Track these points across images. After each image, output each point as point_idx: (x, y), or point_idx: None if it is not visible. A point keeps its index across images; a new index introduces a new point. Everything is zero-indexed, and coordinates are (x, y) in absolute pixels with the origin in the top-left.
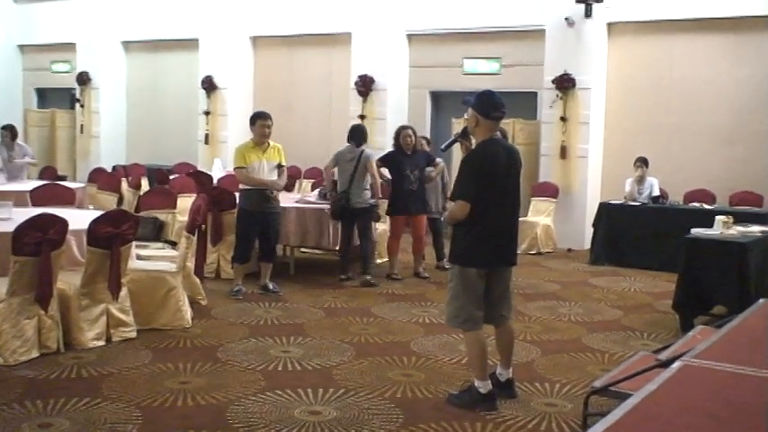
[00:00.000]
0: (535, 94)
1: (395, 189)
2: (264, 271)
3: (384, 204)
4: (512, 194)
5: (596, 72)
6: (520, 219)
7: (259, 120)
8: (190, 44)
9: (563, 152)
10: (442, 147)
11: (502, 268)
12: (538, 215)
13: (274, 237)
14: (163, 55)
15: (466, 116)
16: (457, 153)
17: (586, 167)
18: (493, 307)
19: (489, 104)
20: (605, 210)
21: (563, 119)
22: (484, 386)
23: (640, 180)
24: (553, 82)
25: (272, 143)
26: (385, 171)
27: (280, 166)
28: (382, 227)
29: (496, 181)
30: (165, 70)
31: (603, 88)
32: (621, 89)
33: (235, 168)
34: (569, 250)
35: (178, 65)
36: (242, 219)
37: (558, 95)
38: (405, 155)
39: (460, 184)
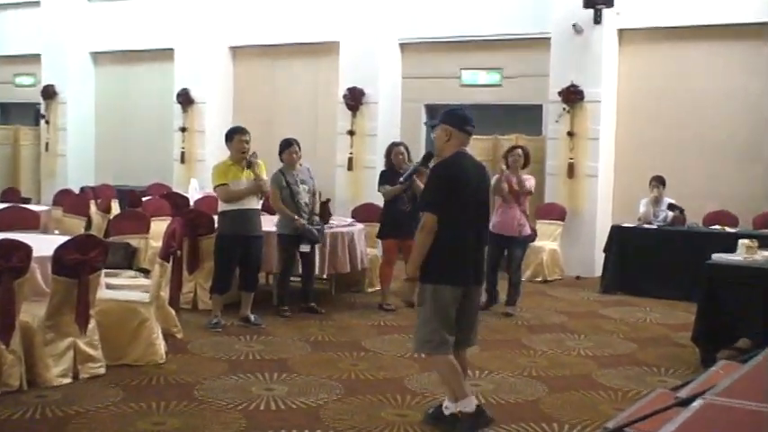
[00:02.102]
0: (540, 107)
1: (386, 210)
2: (245, 301)
3: (375, 229)
4: (483, 209)
5: (606, 83)
6: (528, 245)
7: (236, 135)
8: (164, 55)
9: (570, 170)
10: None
11: (474, 287)
12: (543, 239)
13: (256, 264)
14: (135, 67)
15: (433, 135)
16: None
17: (596, 187)
18: (462, 332)
19: (462, 118)
20: (617, 233)
21: (570, 134)
22: (469, 404)
23: (656, 201)
24: (559, 94)
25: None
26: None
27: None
28: (373, 252)
29: (469, 193)
30: (138, 83)
31: (614, 101)
32: (634, 102)
33: (215, 187)
34: (578, 278)
35: (151, 77)
36: (221, 244)
37: (564, 109)
38: (397, 173)
39: (430, 195)
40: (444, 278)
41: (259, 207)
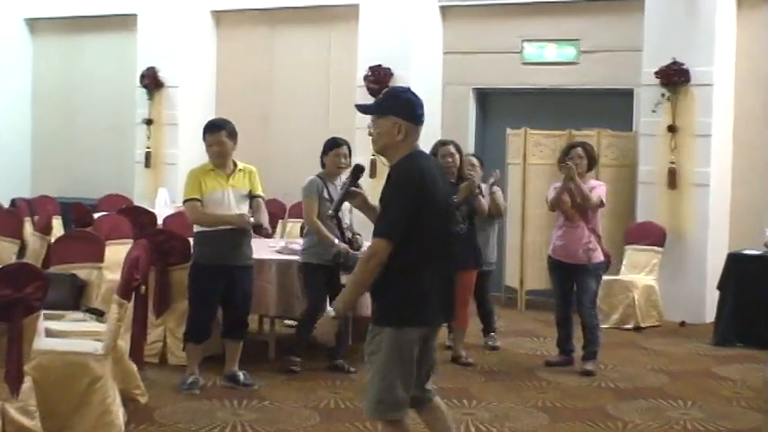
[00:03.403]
0: (630, 93)
1: None
2: (231, 353)
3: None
4: (453, 226)
5: (721, 60)
6: (610, 277)
7: (206, 133)
8: (124, 22)
9: (672, 178)
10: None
11: (438, 326)
12: (635, 271)
13: (244, 303)
14: (85, 39)
15: (375, 130)
16: (515, 174)
17: (707, 201)
18: (420, 382)
19: (413, 103)
20: (736, 264)
21: (671, 129)
22: None
23: None
24: (657, 75)
25: (240, 165)
26: None
27: (253, 197)
28: None
29: (439, 208)
30: (89, 61)
31: (731, 84)
32: (759, 86)
33: (185, 201)
34: (682, 324)
35: (107, 53)
36: (196, 276)
37: (663, 95)
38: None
39: (391, 215)
40: (409, 318)
41: (259, 219)
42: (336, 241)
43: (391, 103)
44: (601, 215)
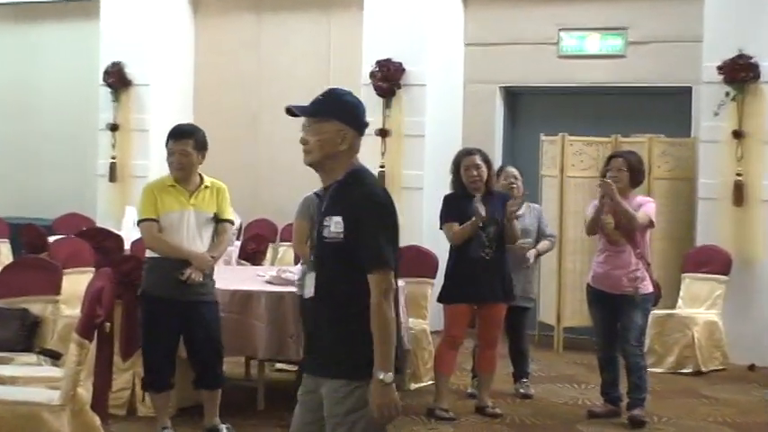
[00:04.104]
0: (688, 91)
1: (455, 258)
2: (208, 405)
3: (423, 287)
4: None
5: None
6: (664, 312)
7: (169, 140)
8: (85, 10)
9: (738, 193)
10: None
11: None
12: (695, 305)
13: (211, 346)
14: (37, 29)
15: (314, 137)
16: (549, 189)
17: None
18: None
19: (360, 109)
20: None
21: (738, 135)
22: None
23: None
24: (720, 70)
25: (207, 181)
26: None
27: (219, 221)
28: (421, 325)
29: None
30: (42, 55)
31: None
32: None
33: (138, 222)
34: (752, 368)
35: (64, 46)
36: (147, 310)
37: (728, 94)
38: (470, 199)
39: (383, 240)
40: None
41: (212, 251)
42: None
43: (335, 105)
44: (650, 238)
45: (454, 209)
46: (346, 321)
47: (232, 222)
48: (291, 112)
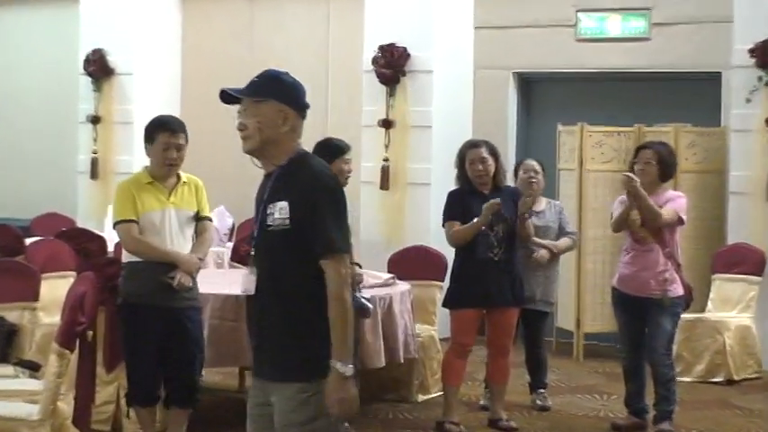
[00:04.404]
0: (717, 76)
1: (460, 260)
2: (176, 427)
3: (431, 291)
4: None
5: None
6: (693, 316)
7: (162, 133)
8: None
9: None
10: None
11: None
12: (726, 308)
13: (191, 356)
14: (12, 14)
15: (253, 119)
16: (568, 181)
17: None
18: None
19: (300, 89)
20: None
21: None
22: None
23: None
24: (752, 54)
25: (184, 177)
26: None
27: (199, 219)
28: (428, 331)
29: None
30: (17, 42)
31: None
32: None
33: (116, 224)
34: None
35: (41, 32)
36: (127, 320)
37: (761, 79)
38: (476, 195)
39: (339, 223)
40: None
41: (197, 252)
42: None
43: (273, 85)
44: (680, 236)
45: (457, 206)
46: (298, 315)
47: (211, 220)
48: (226, 97)
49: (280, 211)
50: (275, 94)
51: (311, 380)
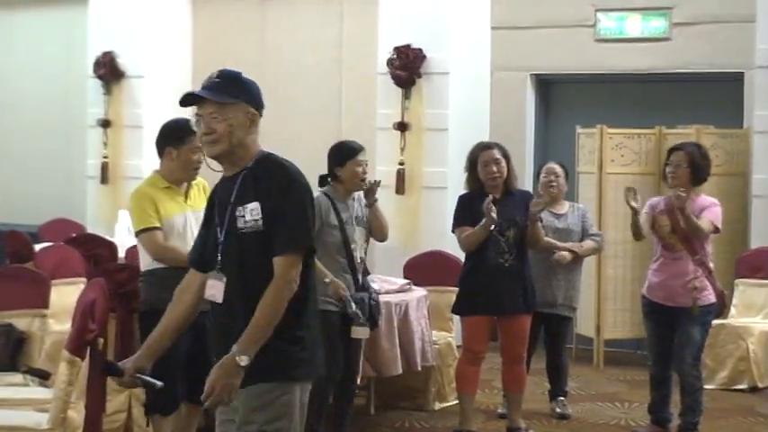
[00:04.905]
0: (740, 77)
1: (470, 265)
2: (189, 420)
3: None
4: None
5: None
6: (716, 321)
7: (187, 138)
8: None
9: None
10: None
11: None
12: (749, 313)
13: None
14: (21, 16)
15: (222, 123)
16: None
17: None
18: None
19: (258, 88)
20: None
21: None
22: None
23: None
24: None
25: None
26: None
27: None
28: (445, 338)
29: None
30: (25, 45)
31: None
32: None
33: (138, 232)
34: None
35: (50, 34)
36: (151, 326)
37: None
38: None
39: (292, 222)
40: (304, 369)
41: None
42: (327, 279)
43: (240, 86)
44: (711, 244)
45: (468, 210)
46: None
47: None
48: (189, 99)
49: (251, 212)
50: (242, 96)
51: (279, 380)
